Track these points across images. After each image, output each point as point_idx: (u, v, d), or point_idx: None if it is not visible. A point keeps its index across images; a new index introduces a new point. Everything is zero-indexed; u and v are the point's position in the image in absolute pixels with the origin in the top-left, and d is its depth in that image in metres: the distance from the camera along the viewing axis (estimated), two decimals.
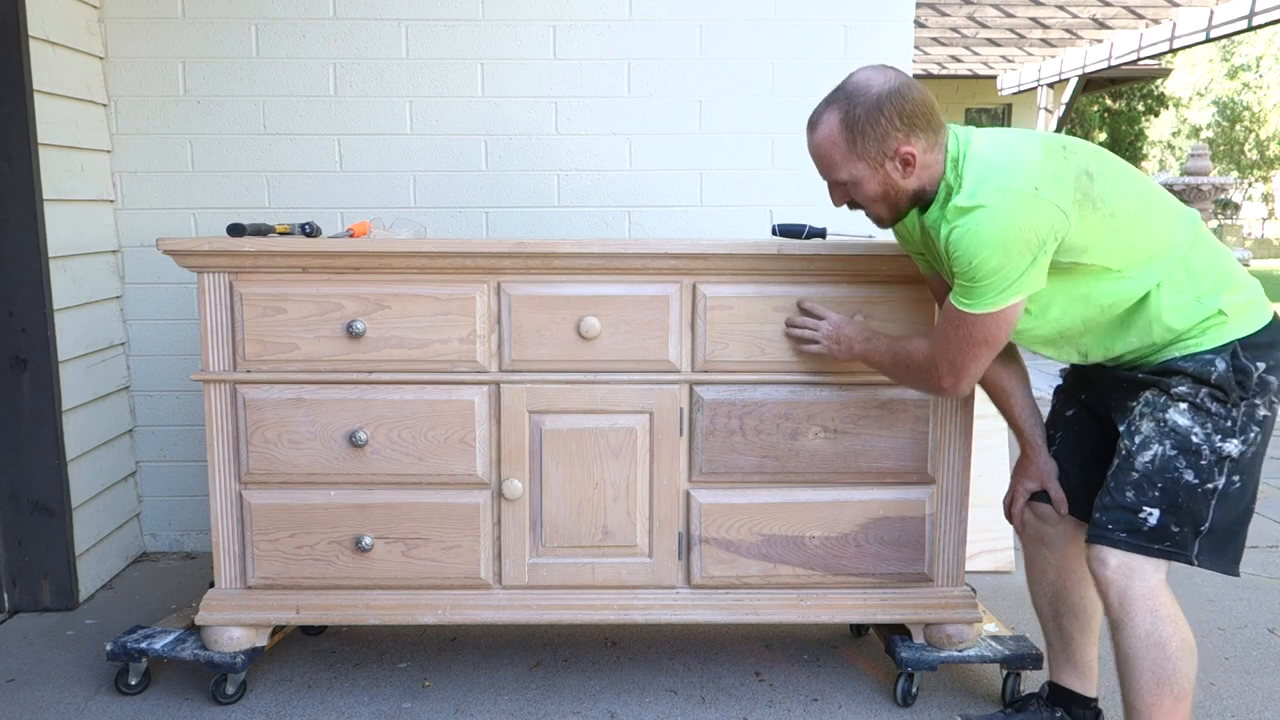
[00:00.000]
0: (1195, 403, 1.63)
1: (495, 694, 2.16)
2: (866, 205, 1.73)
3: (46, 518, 2.54)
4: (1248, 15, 6.41)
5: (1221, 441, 1.62)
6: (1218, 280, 1.64)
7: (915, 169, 1.64)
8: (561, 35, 2.83)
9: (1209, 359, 1.62)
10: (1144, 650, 1.62)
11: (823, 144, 1.67)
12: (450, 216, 2.89)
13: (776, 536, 2.10)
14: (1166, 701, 1.63)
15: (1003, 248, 1.54)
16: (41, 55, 2.48)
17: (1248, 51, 24.39)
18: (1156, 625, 1.62)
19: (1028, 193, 1.54)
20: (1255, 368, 1.62)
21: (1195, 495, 1.63)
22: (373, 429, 2.05)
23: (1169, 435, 1.64)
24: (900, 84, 1.62)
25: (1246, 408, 1.63)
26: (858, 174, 1.67)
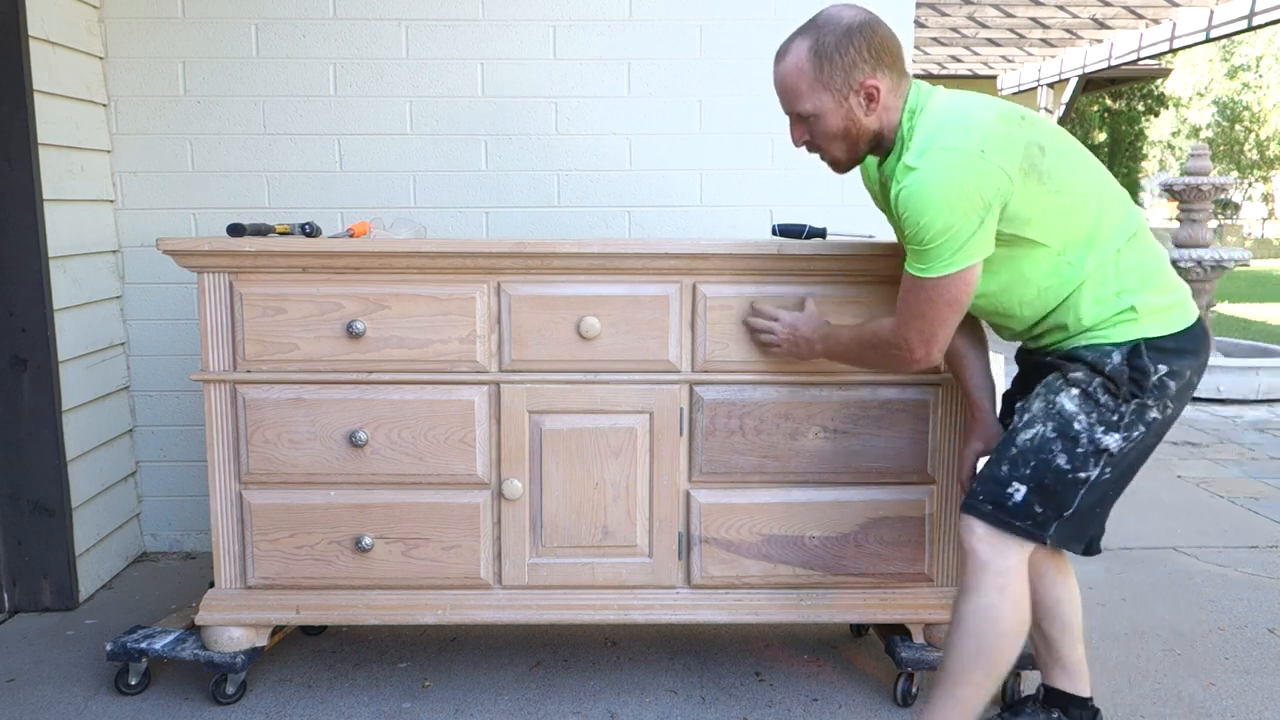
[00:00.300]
0: (1087, 390, 1.64)
1: (495, 694, 2.16)
2: (825, 143, 1.70)
3: (46, 518, 2.54)
4: (1248, 15, 6.41)
5: (1103, 434, 1.63)
6: (1142, 279, 1.65)
7: (878, 106, 1.64)
8: (561, 35, 2.83)
9: (1108, 350, 1.63)
10: (977, 622, 1.65)
11: (789, 72, 1.66)
12: (450, 216, 2.89)
13: (776, 536, 2.10)
14: (978, 674, 1.65)
15: (948, 207, 1.53)
16: (41, 55, 2.48)
17: (1248, 51, 24.38)
18: (999, 603, 1.64)
19: (974, 153, 1.53)
20: (1155, 369, 1.62)
21: (1064, 480, 1.64)
22: (373, 429, 2.05)
23: (1053, 418, 1.65)
24: (871, 18, 1.63)
25: (1137, 406, 1.63)
26: (822, 105, 1.65)
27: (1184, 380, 1.65)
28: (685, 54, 2.84)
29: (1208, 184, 5.90)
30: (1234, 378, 5.64)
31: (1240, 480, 3.97)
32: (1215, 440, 4.69)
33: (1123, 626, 2.53)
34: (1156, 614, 2.62)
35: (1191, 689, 2.20)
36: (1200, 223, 6.06)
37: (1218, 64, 25.26)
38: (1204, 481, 3.94)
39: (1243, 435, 4.81)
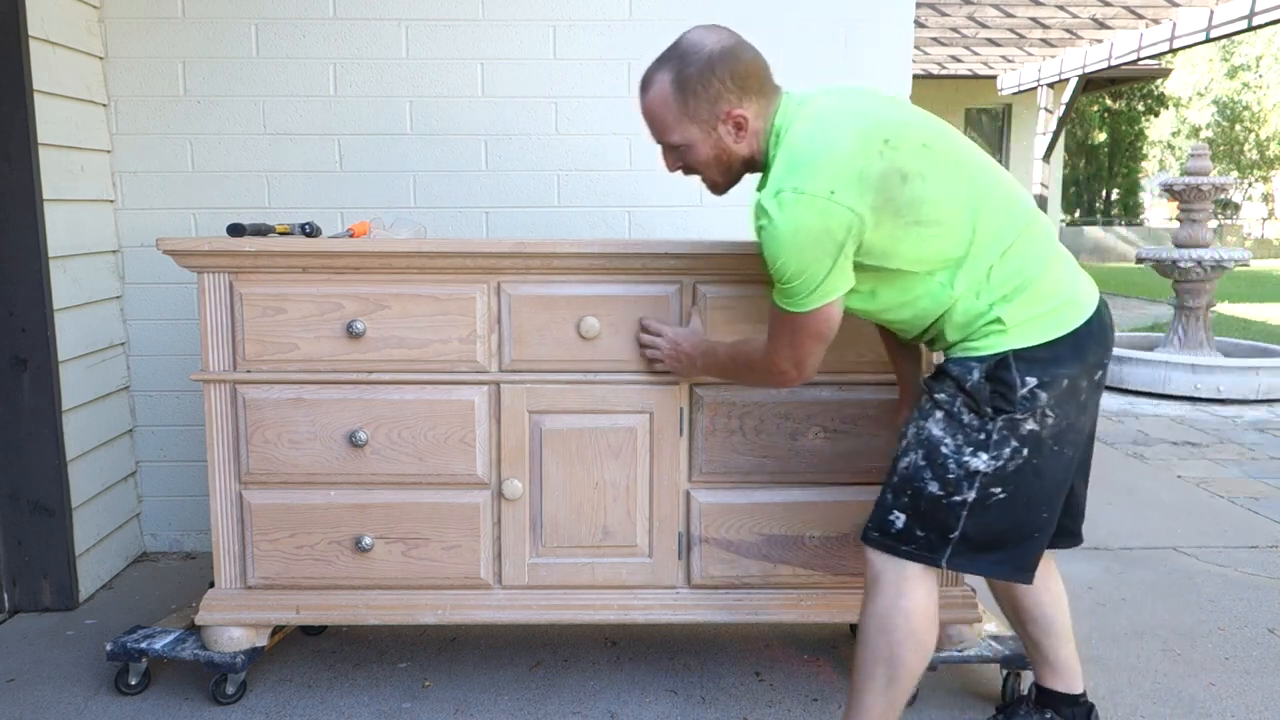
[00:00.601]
0: (950, 411, 1.62)
1: (495, 694, 2.16)
2: (700, 170, 1.70)
3: (46, 518, 2.55)
4: (1248, 15, 6.41)
5: (970, 456, 1.60)
6: (1016, 289, 1.59)
7: (747, 133, 1.63)
8: (561, 35, 2.83)
9: (971, 365, 1.60)
10: (873, 633, 1.65)
11: (654, 105, 1.64)
12: (450, 216, 2.89)
13: (776, 536, 2.10)
14: (879, 681, 1.65)
15: (798, 251, 1.53)
16: (41, 55, 2.48)
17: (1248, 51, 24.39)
18: (891, 611, 1.64)
19: (822, 197, 1.51)
20: (1024, 381, 1.57)
21: (940, 506, 1.62)
22: (373, 429, 2.05)
23: (922, 444, 1.64)
24: (734, 44, 1.61)
25: (1006, 422, 1.58)
26: (690, 137, 1.65)
27: (1060, 389, 1.58)
28: None
29: (1208, 184, 5.90)
30: (1234, 378, 5.64)
31: (1240, 480, 3.97)
32: (1215, 440, 4.69)
33: (1123, 626, 2.53)
34: (1156, 614, 2.62)
35: (1191, 689, 2.20)
36: (1200, 223, 6.06)
37: (1218, 64, 25.26)
38: (1204, 481, 3.94)
39: (1243, 435, 4.81)
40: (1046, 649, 1.89)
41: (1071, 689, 1.90)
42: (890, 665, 1.64)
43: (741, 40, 1.63)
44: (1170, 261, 5.95)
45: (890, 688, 1.65)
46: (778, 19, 2.83)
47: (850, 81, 2.82)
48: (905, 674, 1.64)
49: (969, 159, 1.63)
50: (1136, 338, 6.81)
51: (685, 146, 1.66)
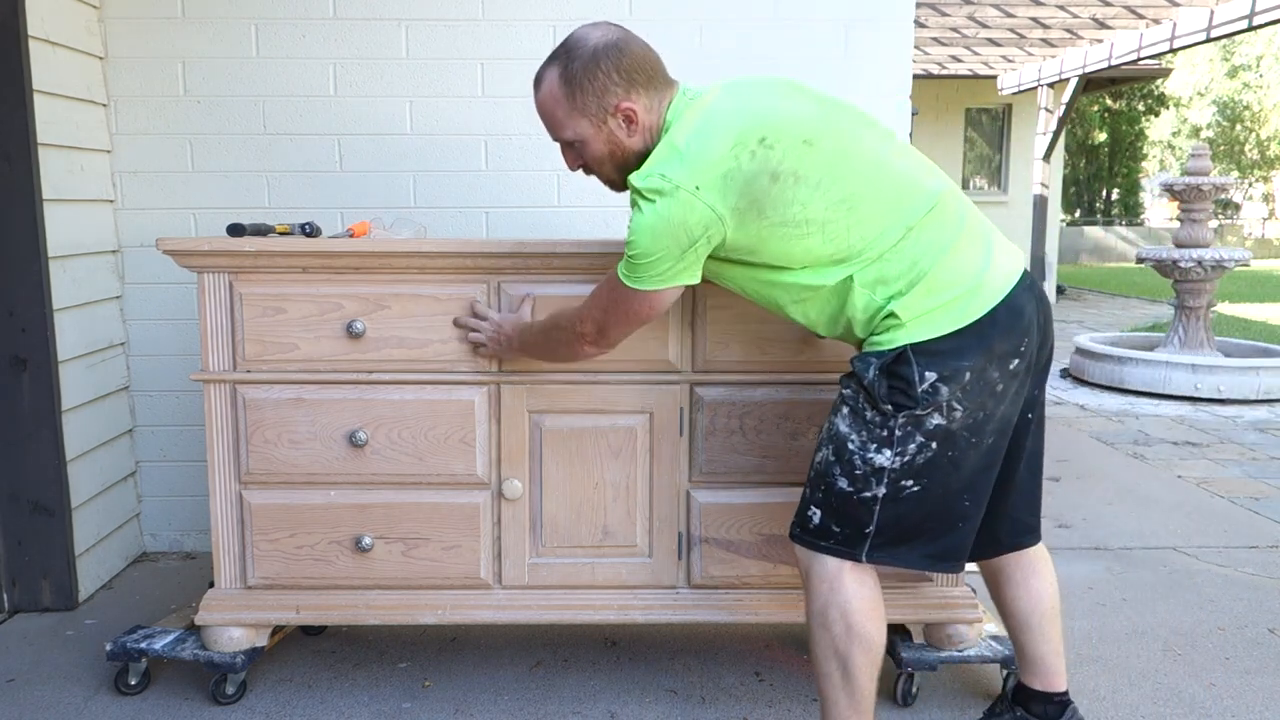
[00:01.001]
0: (855, 408, 1.63)
1: (495, 694, 2.16)
2: (595, 167, 1.71)
3: (46, 518, 2.55)
4: (1248, 15, 6.42)
5: (874, 453, 1.60)
6: (909, 283, 1.58)
7: (639, 127, 1.64)
8: (562, 35, 2.83)
9: (870, 361, 1.60)
10: (815, 626, 1.67)
11: (545, 101, 1.66)
12: (450, 216, 2.89)
13: (776, 536, 2.10)
14: (835, 679, 1.66)
15: (654, 236, 1.56)
16: (41, 55, 2.48)
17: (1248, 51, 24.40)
18: (826, 607, 1.65)
19: (686, 190, 1.53)
20: (924, 376, 1.56)
21: (851, 502, 1.63)
22: (373, 429, 2.05)
23: (831, 440, 1.65)
24: (618, 38, 1.63)
25: (908, 417, 1.58)
26: (582, 132, 1.66)
27: (964, 381, 1.56)
28: (685, 54, 2.84)
29: (1208, 184, 5.90)
30: (1234, 378, 5.64)
31: (1241, 480, 3.97)
32: (1215, 440, 4.69)
33: (1123, 626, 2.53)
34: (1156, 614, 2.62)
35: (1191, 689, 2.20)
36: (1201, 223, 6.06)
37: (1218, 64, 25.27)
38: (1204, 481, 3.94)
39: (1243, 435, 4.81)
40: (1023, 645, 1.89)
41: (1049, 687, 1.88)
42: (840, 660, 1.64)
43: (629, 34, 1.66)
44: (1170, 261, 5.95)
45: (846, 682, 1.65)
46: (777, 19, 2.83)
47: (850, 81, 2.83)
48: (855, 668, 1.64)
49: (858, 151, 1.60)
50: (1137, 338, 6.81)
51: (579, 142, 1.67)
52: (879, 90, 2.84)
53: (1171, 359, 5.79)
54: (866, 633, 1.64)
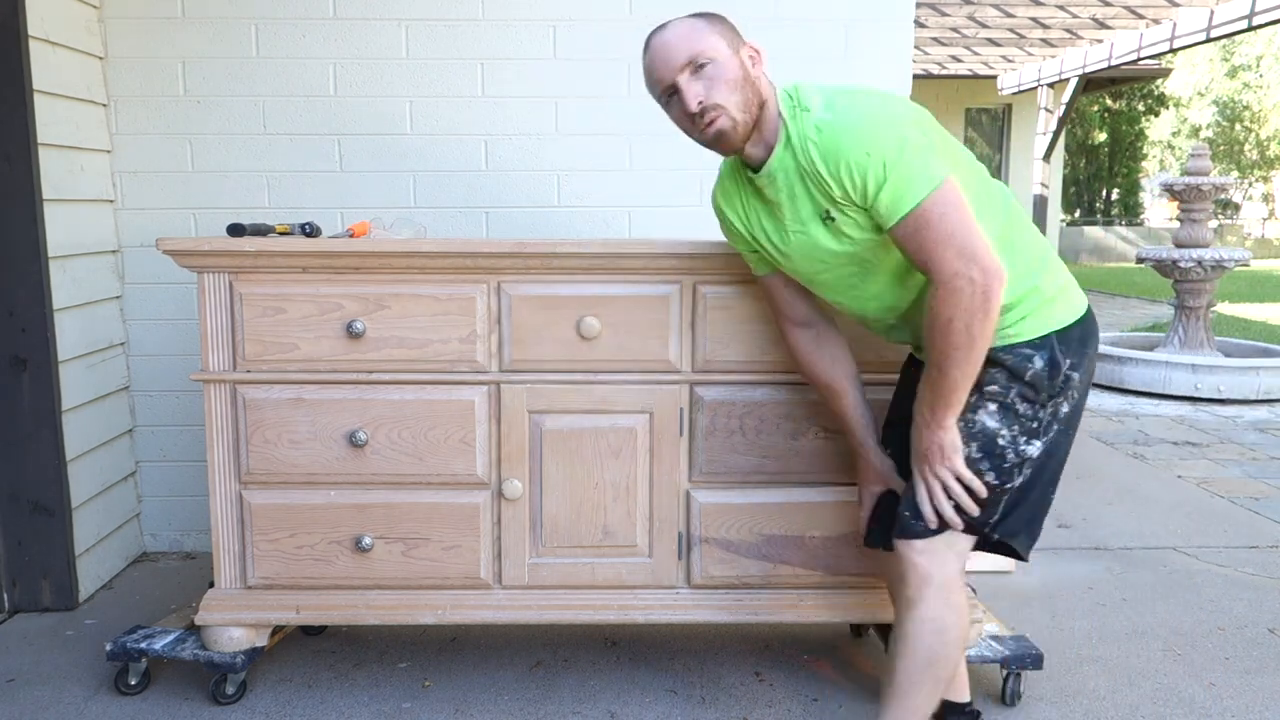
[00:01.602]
0: (1005, 403, 1.61)
1: (495, 694, 2.16)
2: (724, 96, 1.53)
3: (46, 518, 2.54)
4: (1248, 15, 6.41)
5: (1026, 444, 1.62)
6: (1039, 261, 1.62)
7: (760, 69, 1.57)
8: (561, 35, 2.83)
9: (1028, 353, 1.60)
10: (926, 633, 1.64)
11: (680, 27, 1.55)
12: (450, 216, 2.89)
13: (776, 536, 2.10)
14: (928, 684, 1.65)
15: (894, 124, 1.46)
16: (41, 55, 2.48)
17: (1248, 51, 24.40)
18: (943, 613, 1.64)
19: (888, 94, 1.52)
20: (1065, 364, 1.60)
21: (993, 494, 1.63)
22: (373, 429, 2.05)
23: (976, 437, 1.62)
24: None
25: (1053, 407, 1.62)
26: (719, 49, 1.53)
27: (1086, 371, 1.63)
28: None
29: (1208, 184, 5.90)
30: (1234, 378, 5.64)
31: (1241, 480, 3.97)
32: (1216, 440, 4.69)
33: (1123, 626, 2.53)
34: (1156, 614, 2.62)
35: (1191, 689, 2.20)
36: (1200, 223, 6.06)
37: (1218, 64, 25.26)
38: (1204, 481, 3.94)
39: (1243, 435, 4.81)
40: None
41: (959, 697, 1.92)
42: (943, 665, 1.64)
43: None
44: (1170, 261, 5.95)
45: (936, 689, 1.66)
46: (777, 19, 2.83)
47: (850, 81, 2.82)
48: (950, 675, 1.67)
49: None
50: (1136, 338, 6.81)
51: (716, 61, 1.53)
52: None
53: (1171, 359, 5.79)
54: (966, 638, 1.68)
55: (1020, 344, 1.60)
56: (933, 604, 1.64)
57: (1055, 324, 1.61)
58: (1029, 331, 1.60)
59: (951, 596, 1.64)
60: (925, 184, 1.45)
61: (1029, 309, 1.60)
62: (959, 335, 1.48)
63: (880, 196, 1.48)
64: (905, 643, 1.66)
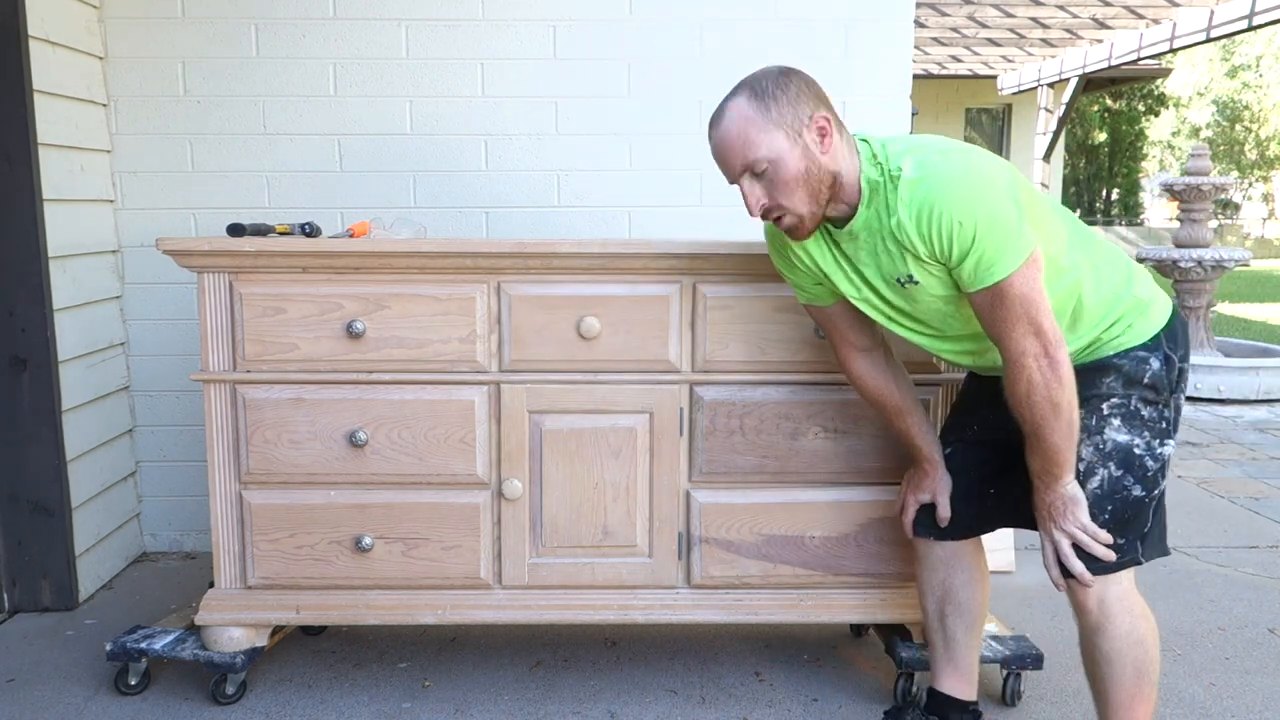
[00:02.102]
0: (1129, 412, 1.61)
1: (495, 694, 2.16)
2: (786, 195, 1.52)
3: (46, 518, 2.54)
4: (1248, 15, 6.41)
5: (1160, 446, 1.62)
6: (1125, 271, 1.63)
7: (831, 142, 1.52)
8: (561, 35, 2.83)
9: (1143, 356, 1.60)
10: (1126, 648, 1.64)
11: (734, 125, 1.51)
12: (450, 216, 2.89)
13: (776, 536, 2.10)
14: (1146, 689, 1.66)
15: (988, 196, 1.44)
16: (41, 55, 2.48)
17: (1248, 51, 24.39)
18: (1135, 624, 1.64)
19: (974, 151, 1.50)
20: (1177, 358, 1.62)
21: (1141, 506, 1.62)
22: (373, 429, 2.05)
23: (1111, 456, 1.61)
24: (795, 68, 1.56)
25: (1175, 403, 1.64)
26: (777, 147, 1.49)
27: (1186, 366, 1.65)
28: (685, 54, 2.84)
29: (1208, 184, 5.90)
30: (1234, 378, 5.64)
31: (1241, 480, 3.97)
32: (1216, 440, 4.69)
33: None
34: (1156, 614, 2.60)
35: (1191, 689, 2.20)
36: (1200, 223, 6.06)
37: (1218, 64, 25.26)
38: (1204, 481, 3.94)
39: (1243, 435, 4.81)
40: (960, 648, 1.87)
41: (967, 695, 1.89)
42: (1152, 672, 1.65)
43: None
44: (1170, 261, 5.95)
45: (1153, 689, 1.66)
46: (777, 19, 2.83)
47: (850, 81, 2.84)
48: (1159, 670, 1.67)
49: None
50: None
51: (773, 162, 1.50)
52: (879, 90, 2.85)
53: None
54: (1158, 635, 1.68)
55: (1134, 348, 1.61)
56: (1120, 621, 1.63)
57: (1159, 323, 1.62)
58: (1138, 337, 1.61)
59: (1134, 606, 1.64)
60: (1013, 260, 1.46)
61: (1132, 318, 1.61)
62: (1042, 405, 1.51)
63: (965, 264, 1.49)
64: (1109, 665, 1.65)
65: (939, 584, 1.87)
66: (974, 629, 1.87)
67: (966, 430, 1.84)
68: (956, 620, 1.86)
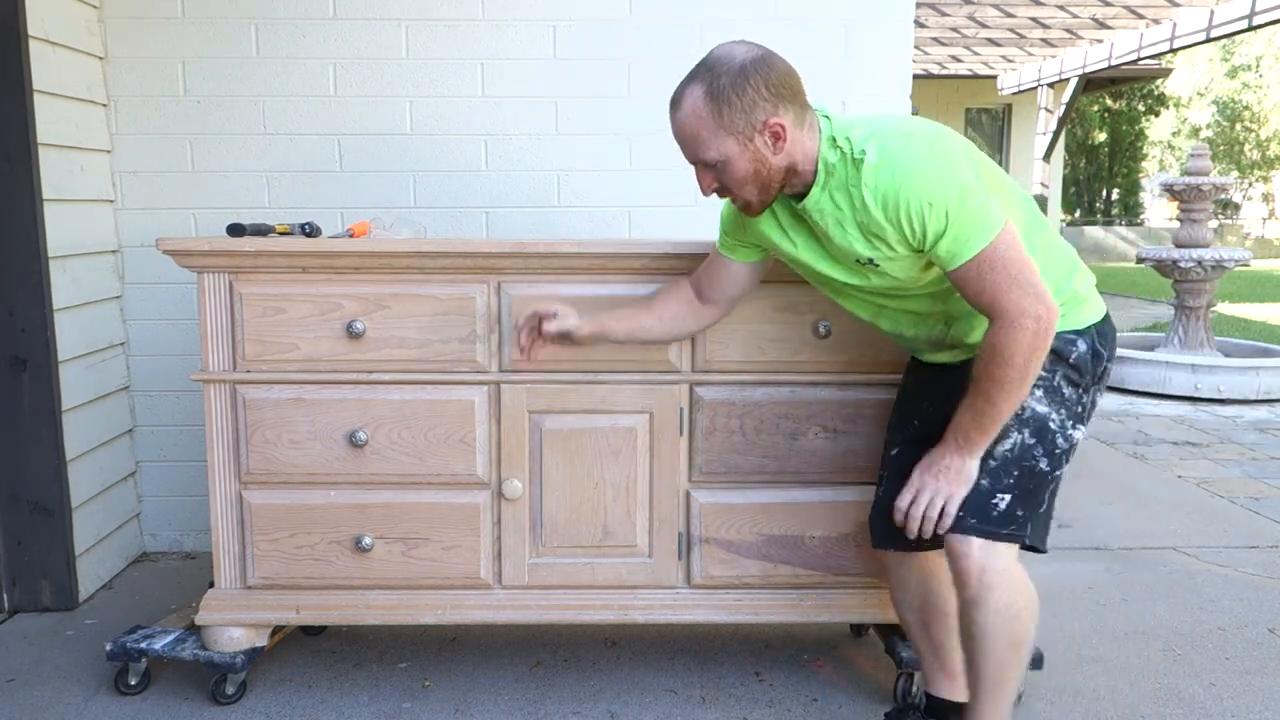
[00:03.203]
0: (1050, 386, 1.63)
1: (495, 694, 2.16)
2: (736, 188, 1.59)
3: (46, 518, 2.54)
4: (1248, 15, 6.42)
5: (1073, 428, 1.65)
6: (1070, 264, 1.66)
7: (785, 143, 1.54)
8: (561, 35, 2.83)
9: (1071, 338, 1.63)
10: (1001, 623, 1.61)
11: (688, 121, 1.55)
12: (450, 216, 2.89)
13: (776, 536, 2.10)
14: (1015, 668, 1.65)
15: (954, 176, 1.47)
16: (41, 55, 2.48)
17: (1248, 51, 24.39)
18: (1013, 597, 1.61)
19: (934, 133, 1.52)
20: (1104, 353, 1.66)
21: (1044, 482, 1.64)
22: (373, 429, 2.05)
23: (1028, 423, 1.62)
24: (764, 54, 1.54)
25: (1092, 395, 1.67)
26: (727, 151, 1.54)
27: (1110, 366, 1.69)
28: (685, 54, 2.84)
29: (1208, 184, 5.90)
30: (1234, 378, 5.64)
31: (1241, 480, 3.97)
32: (1215, 440, 4.69)
33: (1123, 626, 2.53)
34: (1156, 614, 2.62)
35: (1191, 689, 2.20)
36: (1200, 223, 6.06)
37: (1218, 64, 25.26)
38: (1204, 481, 3.94)
39: (1243, 435, 4.81)
40: (948, 653, 1.85)
41: (962, 696, 1.86)
42: (1024, 643, 1.64)
43: (771, 52, 1.56)
44: (1170, 261, 5.95)
45: (1023, 668, 1.66)
46: (777, 19, 2.83)
47: (850, 81, 2.84)
48: (1033, 643, 1.68)
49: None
50: (1136, 338, 6.81)
51: (722, 162, 1.56)
52: (879, 90, 2.85)
53: (1171, 359, 5.79)
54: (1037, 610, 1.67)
55: (1065, 331, 1.62)
56: (999, 593, 1.60)
57: (1091, 319, 1.66)
58: (1074, 322, 1.64)
59: (1013, 577, 1.62)
60: (988, 230, 1.47)
61: (1068, 308, 1.63)
62: (1016, 370, 1.51)
63: (940, 244, 1.50)
64: (983, 640, 1.63)
65: (915, 596, 1.87)
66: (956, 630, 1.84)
67: (909, 426, 1.84)
68: (940, 628, 1.85)
